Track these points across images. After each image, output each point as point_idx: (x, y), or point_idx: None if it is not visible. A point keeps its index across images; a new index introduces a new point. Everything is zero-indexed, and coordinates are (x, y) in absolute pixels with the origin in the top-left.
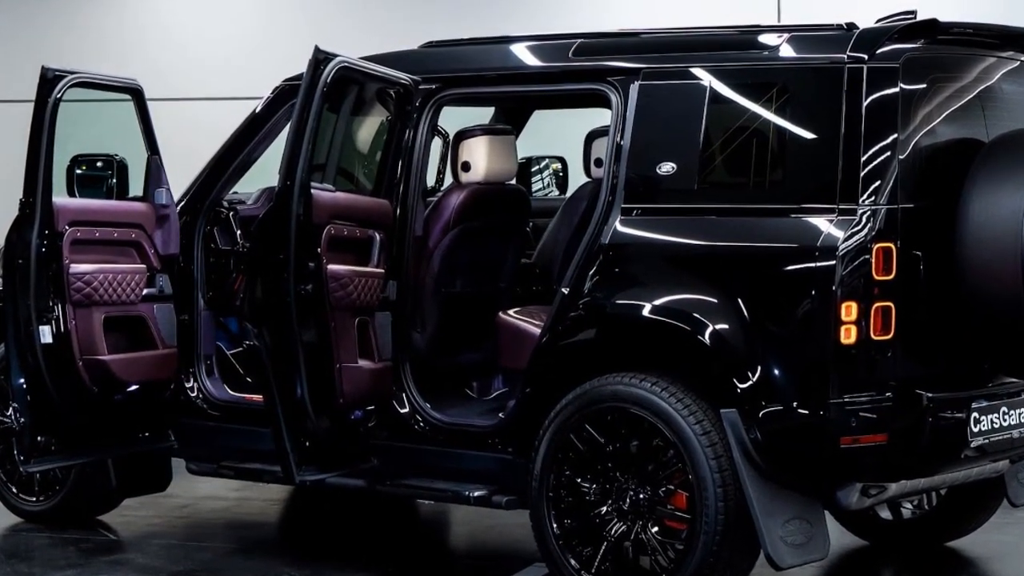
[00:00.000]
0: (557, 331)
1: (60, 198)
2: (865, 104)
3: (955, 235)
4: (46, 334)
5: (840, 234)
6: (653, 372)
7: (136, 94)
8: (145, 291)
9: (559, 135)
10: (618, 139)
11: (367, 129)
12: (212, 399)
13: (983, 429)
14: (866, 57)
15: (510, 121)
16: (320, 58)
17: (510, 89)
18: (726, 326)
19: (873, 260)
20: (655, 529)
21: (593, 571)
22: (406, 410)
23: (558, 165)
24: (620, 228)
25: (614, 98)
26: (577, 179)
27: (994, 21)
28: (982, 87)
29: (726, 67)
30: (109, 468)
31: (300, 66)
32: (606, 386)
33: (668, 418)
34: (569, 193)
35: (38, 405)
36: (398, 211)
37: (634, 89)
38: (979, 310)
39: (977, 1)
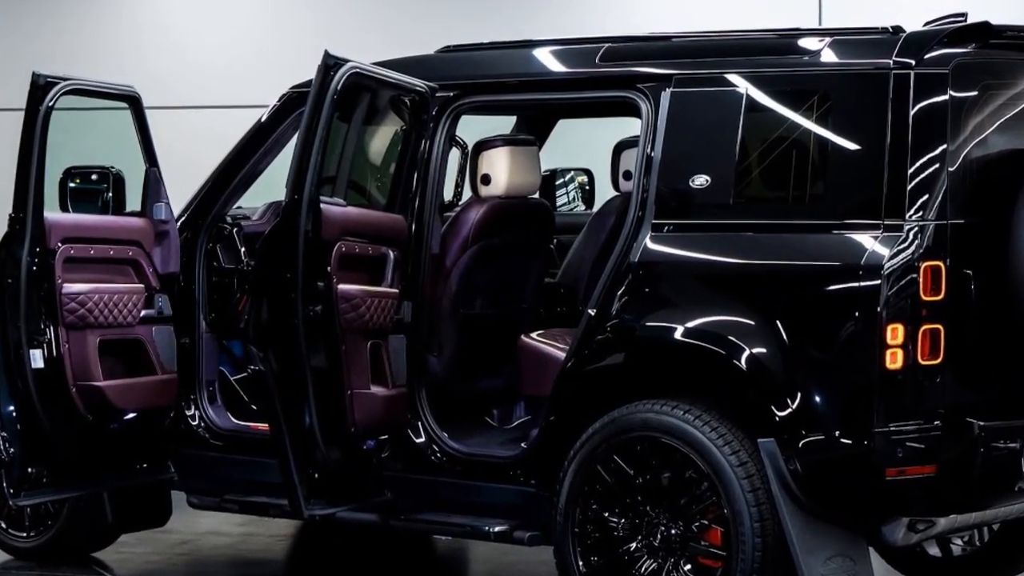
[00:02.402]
0: (583, 355)
1: (52, 213)
2: (912, 113)
3: (1008, 252)
4: (37, 358)
5: (885, 252)
6: (686, 399)
7: (133, 102)
8: (143, 312)
9: (585, 146)
10: (648, 150)
11: (380, 139)
12: (215, 428)
13: None
14: (913, 62)
15: (533, 131)
16: (330, 64)
17: (533, 97)
18: (764, 350)
19: (921, 279)
20: (688, 567)
21: None
22: (422, 439)
23: (584, 178)
24: (650, 245)
25: (644, 106)
26: (604, 193)
27: None
28: None
29: (764, 73)
30: (105, 501)
31: (308, 72)
32: (636, 414)
33: (702, 448)
34: (596, 208)
35: (29, 434)
36: (413, 227)
37: (665, 97)
38: None
39: None
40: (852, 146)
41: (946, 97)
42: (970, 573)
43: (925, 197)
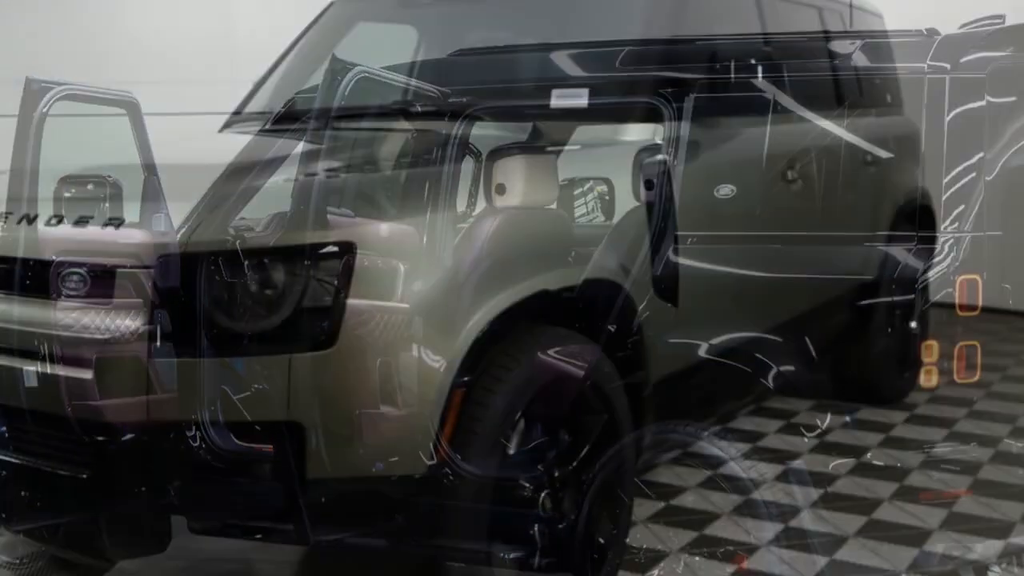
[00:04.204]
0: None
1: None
2: (948, 119)
3: None
4: (30, 376)
5: (919, 265)
6: (711, 418)
7: (132, 108)
8: (141, 328)
9: (605, 154)
10: (671, 158)
11: (389, 147)
12: (217, 449)
13: None
14: (949, 67)
15: (550, 138)
16: (337, 68)
17: (550, 102)
18: (792, 368)
19: (956, 294)
20: None
21: None
22: (433, 461)
23: (603, 187)
24: (673, 258)
25: (666, 112)
26: (625, 203)
27: None
28: None
29: (792, 77)
30: (101, 526)
31: (314, 76)
32: (659, 434)
33: (728, 469)
34: (616, 219)
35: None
36: (424, 239)
37: (689, 102)
38: None
39: None
40: (885, 154)
41: (983, 103)
42: None
43: (961, 208)
